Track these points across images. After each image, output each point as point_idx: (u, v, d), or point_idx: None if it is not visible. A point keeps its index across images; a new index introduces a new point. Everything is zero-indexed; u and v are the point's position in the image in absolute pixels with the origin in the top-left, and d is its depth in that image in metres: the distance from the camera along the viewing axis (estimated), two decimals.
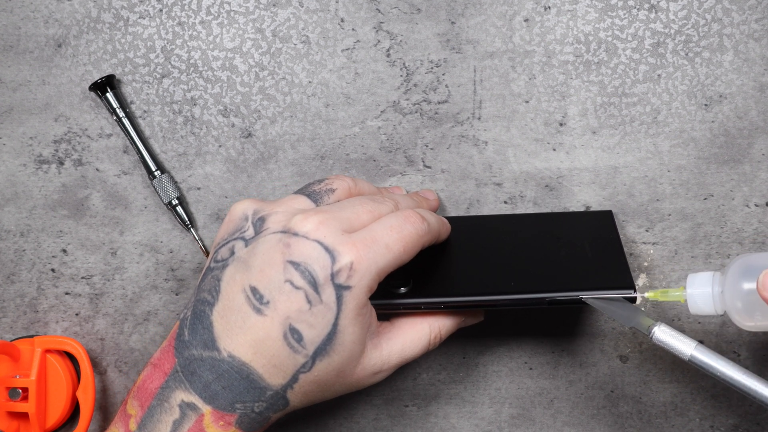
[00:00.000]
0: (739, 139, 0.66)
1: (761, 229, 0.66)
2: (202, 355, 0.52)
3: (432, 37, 0.67)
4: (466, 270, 0.61)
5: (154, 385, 0.54)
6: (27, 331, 0.69)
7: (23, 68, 0.68)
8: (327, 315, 0.52)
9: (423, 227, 0.56)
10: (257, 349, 0.52)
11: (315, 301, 0.52)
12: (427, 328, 0.58)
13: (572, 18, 0.66)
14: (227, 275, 0.53)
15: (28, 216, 0.68)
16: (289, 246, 0.52)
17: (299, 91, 0.67)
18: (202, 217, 0.68)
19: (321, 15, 0.67)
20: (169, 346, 0.54)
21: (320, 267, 0.52)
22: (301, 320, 0.52)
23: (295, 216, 0.53)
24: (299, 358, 0.52)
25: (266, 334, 0.52)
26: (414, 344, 0.58)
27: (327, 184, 0.57)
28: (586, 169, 0.66)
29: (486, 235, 0.64)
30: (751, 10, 0.65)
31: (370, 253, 0.52)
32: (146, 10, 0.68)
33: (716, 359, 0.53)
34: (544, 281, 0.59)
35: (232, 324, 0.52)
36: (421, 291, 0.59)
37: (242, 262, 0.53)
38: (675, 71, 0.66)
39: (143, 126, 0.68)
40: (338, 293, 0.52)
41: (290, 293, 0.51)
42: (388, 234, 0.54)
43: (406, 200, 0.61)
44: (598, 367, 0.67)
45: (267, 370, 0.52)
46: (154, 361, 0.55)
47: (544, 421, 0.67)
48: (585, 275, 0.59)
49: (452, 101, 0.67)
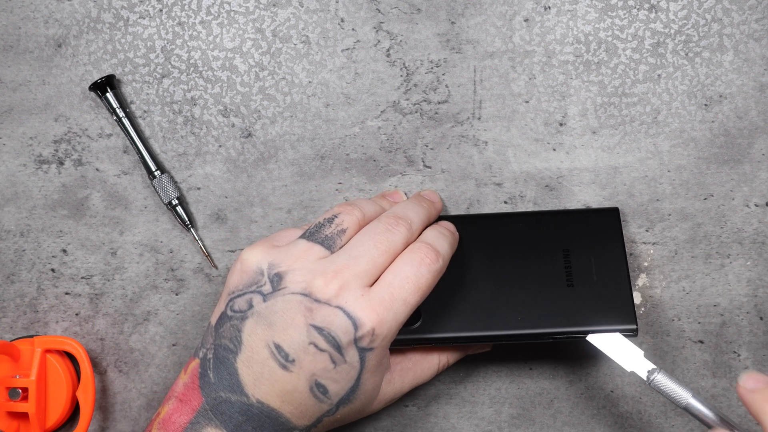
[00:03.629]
0: (739, 139, 0.66)
1: (761, 229, 0.66)
2: (230, 398, 0.55)
3: (432, 37, 0.67)
4: (475, 304, 0.62)
5: (182, 419, 0.56)
6: (27, 331, 0.69)
7: (23, 68, 0.68)
8: (351, 372, 0.55)
9: (437, 266, 0.58)
10: (285, 399, 0.55)
11: (339, 361, 0.55)
12: (437, 358, 0.63)
13: (572, 18, 0.66)
14: (248, 328, 0.55)
15: (28, 216, 0.68)
16: (312, 311, 0.54)
17: (299, 91, 0.67)
18: (202, 217, 0.68)
19: (321, 15, 0.67)
20: (194, 384, 0.56)
21: (343, 333, 0.54)
22: (326, 377, 0.55)
23: (315, 279, 0.55)
24: (324, 407, 0.56)
25: (294, 388, 0.55)
26: (424, 373, 0.62)
27: (337, 225, 0.58)
28: (586, 169, 0.66)
29: (490, 246, 0.63)
30: (751, 10, 0.65)
31: (390, 315, 0.55)
32: (146, 10, 0.68)
33: (709, 409, 0.56)
34: (550, 317, 0.61)
35: (259, 375, 0.55)
36: (431, 327, 0.61)
37: (263, 318, 0.55)
38: (675, 71, 0.66)
39: (143, 126, 0.68)
40: (361, 354, 0.55)
41: (315, 354, 0.54)
42: (406, 287, 0.56)
43: (416, 215, 0.60)
44: (598, 367, 0.67)
45: (294, 415, 0.55)
46: (180, 396, 0.57)
47: (544, 421, 0.67)
48: (589, 309, 0.61)
49: (452, 101, 0.67)
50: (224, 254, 0.68)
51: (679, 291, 0.66)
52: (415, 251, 0.57)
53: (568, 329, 0.61)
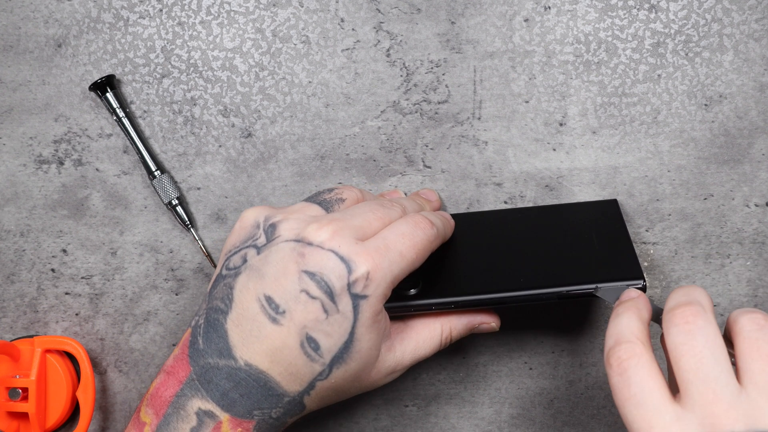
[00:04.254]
0: (739, 139, 0.66)
1: (761, 229, 0.66)
2: (218, 364, 0.53)
3: (432, 37, 0.67)
4: (475, 268, 0.61)
5: (168, 392, 0.54)
6: (27, 331, 0.69)
7: (23, 68, 0.68)
8: (344, 324, 0.52)
9: (432, 232, 0.56)
10: (274, 358, 0.52)
11: (332, 310, 0.52)
12: (439, 328, 0.59)
13: (572, 18, 0.66)
14: (240, 283, 0.53)
15: (28, 216, 0.68)
16: (303, 256, 0.52)
17: (299, 91, 0.67)
18: (202, 217, 0.68)
19: (321, 15, 0.67)
20: (183, 354, 0.54)
21: (336, 277, 0.52)
22: (317, 329, 0.52)
23: (309, 225, 0.53)
24: (316, 367, 0.53)
25: (283, 343, 0.52)
26: (426, 344, 0.58)
27: (337, 194, 0.58)
28: (586, 169, 0.66)
29: (490, 230, 0.64)
30: (751, 10, 0.66)
31: (384, 262, 0.53)
32: (146, 10, 0.68)
33: None
34: (553, 276, 0.59)
35: (248, 333, 0.52)
36: (430, 292, 0.59)
37: (255, 270, 0.53)
38: (675, 71, 0.66)
39: (143, 126, 0.68)
40: (355, 303, 0.52)
41: (306, 303, 0.52)
42: (401, 241, 0.54)
43: (411, 204, 0.61)
44: (598, 367, 0.67)
45: (284, 377, 0.53)
46: (168, 369, 0.55)
47: (544, 421, 0.67)
48: (593, 267, 0.59)
49: (452, 101, 0.67)
50: None
51: None
52: (410, 217, 0.56)
53: (575, 286, 0.58)
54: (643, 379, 0.48)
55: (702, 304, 0.49)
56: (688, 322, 0.48)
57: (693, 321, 0.48)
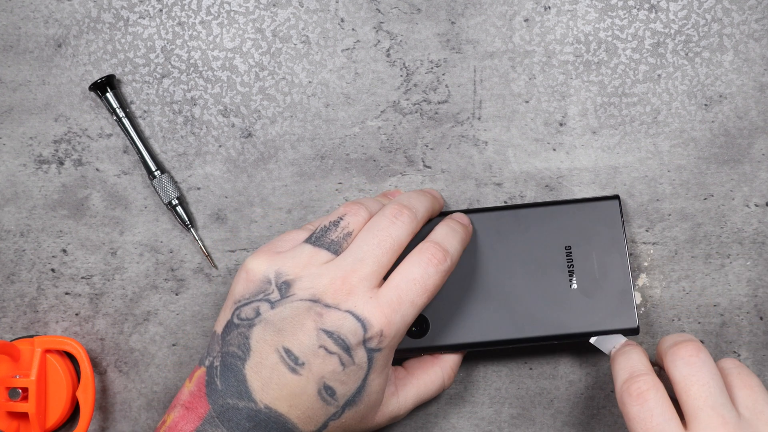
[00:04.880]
0: (739, 139, 0.66)
1: (761, 229, 0.66)
2: (237, 405, 0.55)
3: (432, 37, 0.67)
4: (479, 308, 0.63)
5: (188, 427, 0.56)
6: (27, 331, 0.69)
7: (23, 68, 0.68)
8: (358, 373, 0.56)
9: (445, 266, 0.58)
10: (292, 403, 0.55)
11: (348, 363, 0.56)
12: (440, 371, 0.63)
13: (572, 18, 0.66)
14: (256, 334, 0.56)
15: (28, 216, 0.68)
16: (321, 316, 0.55)
17: (299, 91, 0.67)
18: (202, 217, 0.68)
19: (321, 15, 0.67)
20: (200, 392, 0.57)
21: (353, 335, 0.55)
22: (334, 379, 0.56)
23: (323, 283, 0.56)
24: (331, 409, 0.56)
25: (302, 391, 0.55)
26: (428, 387, 0.62)
27: (343, 229, 0.58)
28: (586, 169, 0.66)
29: (492, 245, 0.63)
30: (751, 10, 0.65)
31: (397, 316, 0.56)
32: (146, 10, 0.68)
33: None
34: (554, 321, 0.62)
35: (267, 380, 0.55)
36: (438, 336, 0.62)
37: (272, 325, 0.56)
38: (675, 71, 0.66)
39: (143, 126, 0.68)
40: (369, 355, 0.56)
41: (325, 357, 0.55)
42: (413, 289, 0.56)
43: (419, 200, 0.61)
44: (598, 367, 0.67)
45: (301, 420, 0.56)
46: (186, 404, 0.57)
47: (544, 421, 0.67)
48: (591, 311, 0.62)
49: (452, 101, 0.67)
50: (224, 254, 0.68)
51: (679, 291, 0.66)
52: (423, 252, 0.58)
53: (571, 332, 0.62)
54: (665, 409, 0.53)
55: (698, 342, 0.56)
56: (693, 356, 0.55)
57: (697, 354, 0.55)
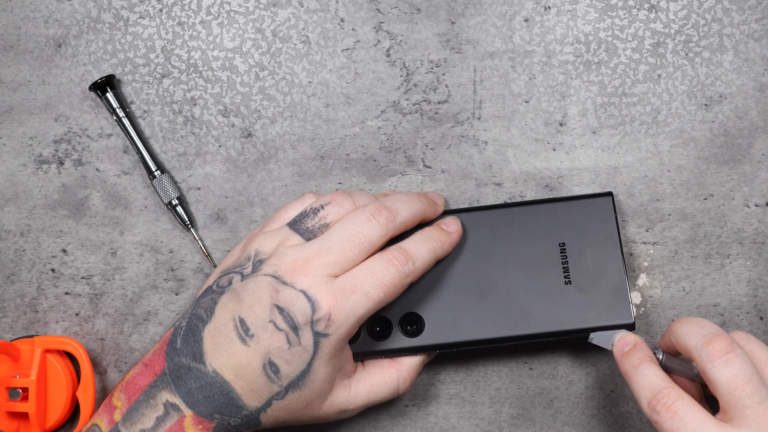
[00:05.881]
0: (739, 139, 0.66)
1: (761, 229, 0.66)
2: (190, 365, 0.58)
3: (432, 37, 0.67)
4: (474, 306, 0.62)
5: (143, 382, 0.59)
6: (27, 331, 0.69)
7: (23, 68, 0.68)
8: (303, 356, 0.57)
9: (406, 269, 0.59)
10: (238, 373, 0.57)
11: (294, 342, 0.57)
12: (395, 374, 0.63)
13: (572, 18, 0.66)
14: (222, 301, 0.59)
15: (28, 216, 0.68)
16: (277, 292, 0.57)
17: (299, 91, 0.67)
18: (202, 217, 0.68)
19: (321, 15, 0.67)
20: (161, 350, 0.59)
21: (301, 314, 0.56)
22: (279, 356, 0.57)
23: (287, 263, 0.58)
24: (274, 387, 0.58)
25: (248, 362, 0.57)
26: (381, 388, 0.62)
27: (321, 219, 0.60)
28: (586, 169, 0.66)
29: (486, 244, 0.63)
30: (751, 10, 0.66)
31: (348, 303, 0.57)
32: (146, 10, 0.68)
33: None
34: (550, 318, 0.62)
35: (219, 345, 0.58)
36: (434, 334, 0.62)
37: (236, 294, 0.58)
38: (675, 71, 0.66)
39: (143, 126, 0.68)
40: (316, 339, 0.57)
41: (273, 332, 0.57)
42: (369, 281, 0.58)
43: (406, 204, 0.61)
44: (598, 367, 0.67)
45: (245, 392, 0.58)
46: (146, 362, 0.60)
47: (544, 421, 0.67)
48: (587, 307, 0.62)
49: (452, 101, 0.67)
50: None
51: (679, 291, 0.66)
52: (386, 252, 0.59)
53: (567, 329, 0.61)
54: (696, 414, 0.54)
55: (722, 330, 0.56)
56: (729, 352, 0.55)
57: (733, 350, 0.55)
